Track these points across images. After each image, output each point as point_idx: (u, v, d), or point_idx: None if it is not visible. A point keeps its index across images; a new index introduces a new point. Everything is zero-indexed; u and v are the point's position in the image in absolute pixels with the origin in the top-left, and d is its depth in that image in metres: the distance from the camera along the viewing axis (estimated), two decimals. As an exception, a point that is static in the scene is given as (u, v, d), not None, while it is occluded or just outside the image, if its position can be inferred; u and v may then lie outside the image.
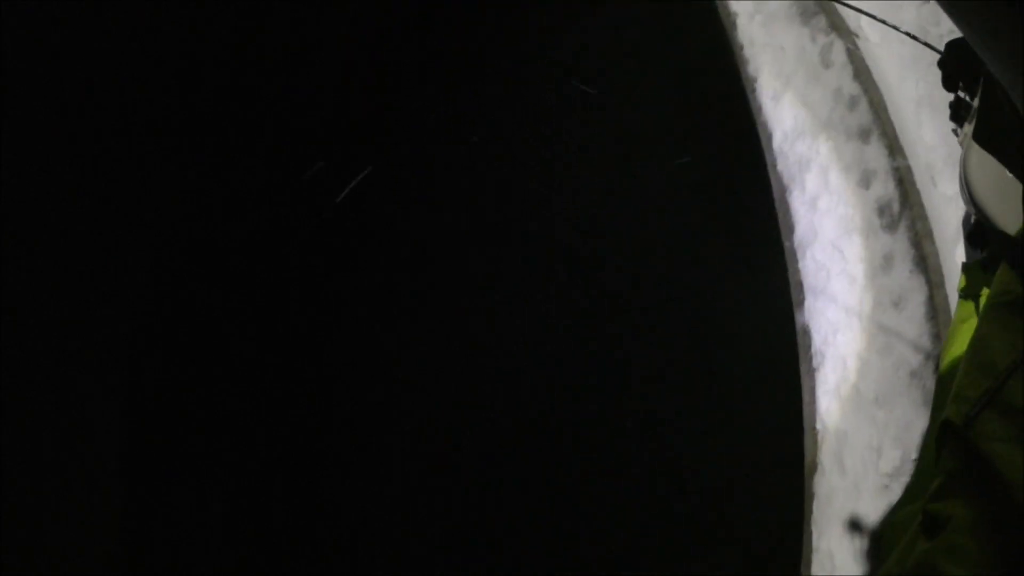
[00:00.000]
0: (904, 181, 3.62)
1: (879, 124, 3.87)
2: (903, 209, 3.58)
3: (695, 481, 4.63)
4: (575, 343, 5.40)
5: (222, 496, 5.44)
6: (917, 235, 3.42)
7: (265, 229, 5.74)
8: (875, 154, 3.91)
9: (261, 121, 5.73)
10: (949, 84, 1.61)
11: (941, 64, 1.62)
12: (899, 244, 3.53)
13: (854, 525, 3.61)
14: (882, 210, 3.76)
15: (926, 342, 3.24)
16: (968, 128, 1.47)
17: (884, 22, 2.66)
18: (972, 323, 1.52)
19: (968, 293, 1.60)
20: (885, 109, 3.81)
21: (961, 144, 1.49)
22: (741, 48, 4.99)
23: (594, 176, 5.68)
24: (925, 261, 3.33)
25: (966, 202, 1.41)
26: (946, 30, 3.51)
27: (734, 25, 4.96)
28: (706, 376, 4.69)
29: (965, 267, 1.66)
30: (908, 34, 2.34)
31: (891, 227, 3.64)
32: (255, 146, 5.71)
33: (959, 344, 1.52)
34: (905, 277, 3.43)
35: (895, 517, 1.34)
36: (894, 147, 3.73)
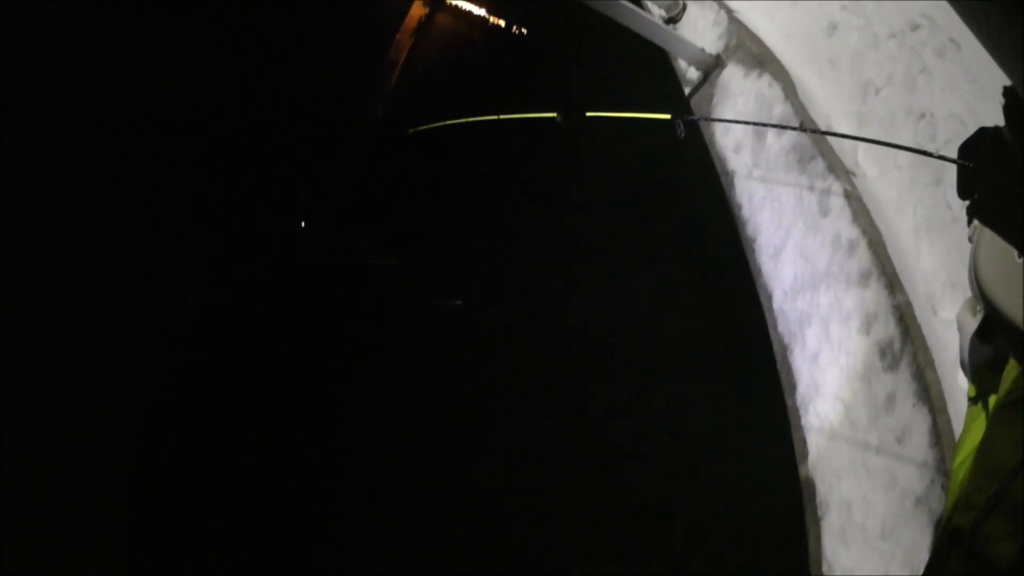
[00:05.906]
0: (905, 316, 3.31)
1: (878, 264, 3.63)
2: (904, 345, 3.23)
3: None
4: (579, 495, 5.24)
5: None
6: (919, 367, 3.06)
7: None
8: (875, 296, 3.63)
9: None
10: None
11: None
12: (901, 381, 3.15)
13: None
14: (883, 352, 3.41)
15: (930, 467, 2.77)
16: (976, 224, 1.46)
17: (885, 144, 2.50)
18: (981, 423, 1.47)
19: (978, 398, 1.52)
20: (884, 246, 3.60)
21: (971, 238, 1.48)
22: (740, 208, 4.92)
23: (601, 340, 5.56)
24: (928, 391, 2.95)
25: (975, 294, 1.40)
26: (942, 141, 3.35)
27: (731, 185, 4.93)
28: (714, 528, 4.43)
29: (973, 374, 1.58)
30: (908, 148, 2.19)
31: (893, 367, 3.27)
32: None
33: (969, 445, 1.45)
34: (908, 412, 3.02)
35: None
36: (894, 284, 3.46)
